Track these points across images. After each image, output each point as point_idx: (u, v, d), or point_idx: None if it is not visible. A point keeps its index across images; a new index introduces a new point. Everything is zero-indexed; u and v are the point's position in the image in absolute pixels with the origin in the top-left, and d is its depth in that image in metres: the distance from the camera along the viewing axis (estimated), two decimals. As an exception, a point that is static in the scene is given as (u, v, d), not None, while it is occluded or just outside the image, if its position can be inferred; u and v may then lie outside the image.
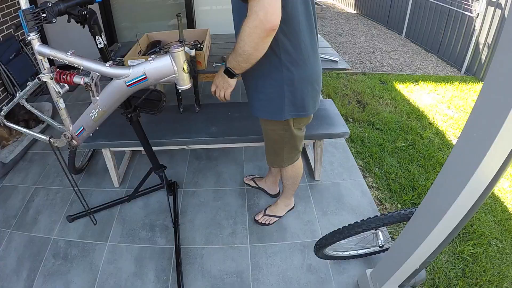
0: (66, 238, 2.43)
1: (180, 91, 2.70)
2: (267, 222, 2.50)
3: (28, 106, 1.86)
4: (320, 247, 2.01)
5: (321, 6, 10.56)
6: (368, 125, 3.96)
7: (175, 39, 2.65)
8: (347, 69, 2.88)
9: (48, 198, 2.78)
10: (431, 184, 1.65)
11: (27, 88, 1.64)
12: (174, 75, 1.36)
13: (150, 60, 1.35)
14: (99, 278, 2.18)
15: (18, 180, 3.00)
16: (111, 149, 2.63)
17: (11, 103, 1.80)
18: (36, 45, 1.42)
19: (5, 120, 1.91)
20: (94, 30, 1.69)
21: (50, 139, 1.87)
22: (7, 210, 2.68)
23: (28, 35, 1.38)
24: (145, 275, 2.19)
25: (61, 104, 1.63)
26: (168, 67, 1.34)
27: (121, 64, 2.75)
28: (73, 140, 1.79)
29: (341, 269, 2.23)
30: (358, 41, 7.91)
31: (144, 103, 2.79)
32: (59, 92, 1.52)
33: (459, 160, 1.13)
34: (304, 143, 3.25)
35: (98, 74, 1.45)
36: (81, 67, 1.43)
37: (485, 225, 2.65)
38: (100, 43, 1.72)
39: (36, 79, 1.51)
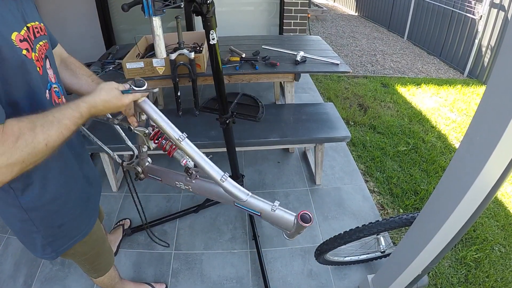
0: (64, 243, 2.41)
1: (179, 94, 2.69)
2: None
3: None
4: (321, 252, 2.00)
5: (322, 8, 10.56)
6: (369, 129, 3.94)
7: (174, 41, 2.63)
8: (348, 72, 2.85)
9: (46, 203, 2.74)
10: (434, 188, 1.62)
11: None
12: (288, 232, 1.26)
13: (274, 207, 1.24)
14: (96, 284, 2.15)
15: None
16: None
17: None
18: (142, 99, 1.17)
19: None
20: (211, 23, 1.61)
21: (123, 163, 1.66)
22: (4, 215, 2.65)
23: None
24: (143, 280, 2.16)
25: (145, 149, 1.49)
26: (288, 224, 1.22)
27: (119, 67, 2.73)
28: (142, 175, 1.63)
29: (342, 274, 2.21)
30: (360, 43, 7.90)
31: (240, 108, 2.80)
32: (149, 148, 1.35)
33: (462, 164, 1.11)
34: (305, 147, 3.24)
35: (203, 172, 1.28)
36: (189, 160, 1.31)
37: (488, 230, 2.62)
38: (213, 39, 1.64)
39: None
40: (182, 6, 1.40)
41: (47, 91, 1.06)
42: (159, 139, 1.29)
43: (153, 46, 2.43)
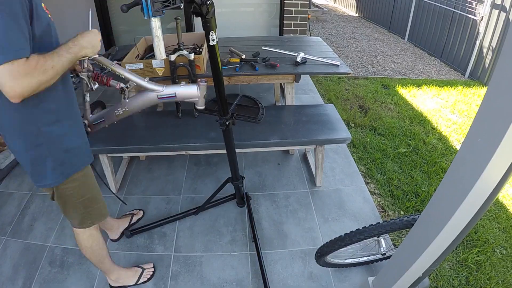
0: (63, 246, 2.39)
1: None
2: None
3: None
4: (321, 254, 1.99)
5: (322, 9, 10.55)
6: (370, 130, 3.93)
7: (174, 42, 2.63)
8: (349, 73, 2.84)
9: (44, 205, 2.74)
10: (435, 190, 1.61)
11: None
12: (196, 99, 1.80)
13: (182, 85, 1.78)
14: (96, 286, 2.14)
15: (13, 187, 2.96)
16: (109, 154, 2.61)
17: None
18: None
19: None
20: (210, 24, 1.62)
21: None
22: (2, 217, 2.64)
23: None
24: (143, 283, 2.15)
25: (87, 98, 1.81)
26: (194, 93, 1.77)
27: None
28: (89, 128, 1.85)
29: (342, 277, 2.20)
30: (360, 44, 7.89)
31: (239, 109, 2.81)
32: (92, 89, 1.71)
33: (463, 166, 1.10)
34: (305, 149, 3.23)
35: (135, 84, 1.72)
36: (122, 76, 1.67)
37: (489, 232, 2.61)
38: (213, 40, 1.66)
39: (75, 75, 1.68)
40: (181, 7, 1.40)
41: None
42: (99, 77, 1.73)
43: (153, 47, 2.43)
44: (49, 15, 1.33)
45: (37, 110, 1.36)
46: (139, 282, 2.14)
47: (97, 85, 1.72)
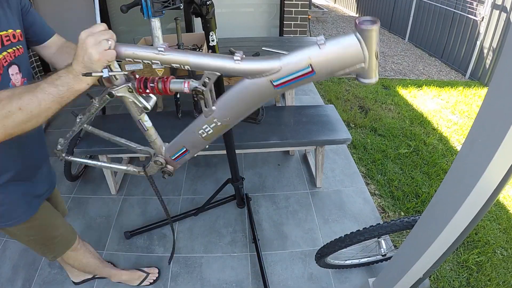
0: (63, 247, 2.39)
1: (178, 96, 2.67)
2: None
3: (96, 131, 1.61)
4: (321, 255, 1.98)
5: (323, 9, 10.54)
6: (370, 131, 3.92)
7: (174, 43, 2.63)
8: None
9: (45, 206, 2.73)
10: (435, 191, 1.61)
11: (92, 110, 1.30)
12: (362, 64, 0.84)
13: (320, 41, 0.83)
14: (95, 286, 2.13)
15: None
16: (108, 155, 2.60)
17: (71, 132, 1.49)
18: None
19: (70, 157, 1.67)
20: (210, 24, 1.60)
21: (146, 170, 1.51)
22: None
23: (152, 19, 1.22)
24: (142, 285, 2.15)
25: (147, 122, 1.22)
26: (355, 52, 0.81)
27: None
28: (168, 166, 1.41)
29: (343, 278, 2.19)
30: (361, 46, 7.87)
31: None
32: (146, 108, 1.08)
33: (464, 166, 1.09)
34: (305, 150, 3.22)
35: (217, 74, 0.96)
36: (186, 67, 0.95)
37: (490, 233, 2.60)
38: (213, 40, 1.64)
39: (107, 95, 1.03)
40: (181, 7, 1.40)
41: None
42: (147, 84, 1.02)
43: (152, 48, 2.42)
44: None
45: None
46: (141, 285, 2.14)
47: (153, 99, 1.10)
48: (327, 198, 2.80)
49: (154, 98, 1.10)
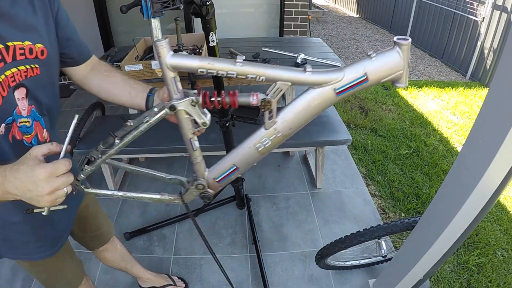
0: (62, 248, 2.39)
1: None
2: None
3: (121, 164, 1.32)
4: (321, 257, 1.98)
5: (323, 10, 10.53)
6: (370, 132, 3.91)
7: (173, 43, 2.62)
8: (349, 75, 2.83)
9: (44, 207, 2.73)
10: (436, 192, 1.60)
11: (142, 128, 1.03)
12: (400, 71, 0.96)
13: (372, 55, 0.95)
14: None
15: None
16: (108, 157, 2.59)
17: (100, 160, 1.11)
18: (168, 55, 0.97)
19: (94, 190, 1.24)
20: (210, 25, 1.60)
21: (183, 197, 1.29)
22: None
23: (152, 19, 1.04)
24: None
25: (196, 142, 1.11)
26: (397, 63, 0.95)
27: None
28: (209, 190, 1.24)
29: (343, 279, 2.19)
30: (361, 45, 7.88)
31: (239, 111, 2.79)
32: (205, 124, 1.01)
33: (464, 167, 1.09)
34: (305, 151, 3.22)
35: (289, 84, 0.99)
36: (262, 78, 0.94)
37: (490, 234, 2.60)
38: (212, 41, 1.64)
39: (168, 108, 0.97)
40: (181, 8, 1.39)
41: (3, 124, 0.90)
42: (213, 98, 0.97)
43: (152, 48, 2.42)
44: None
45: None
46: None
47: (209, 115, 1.03)
48: (327, 199, 2.79)
49: (209, 114, 1.03)
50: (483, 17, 5.73)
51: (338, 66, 2.83)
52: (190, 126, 1.04)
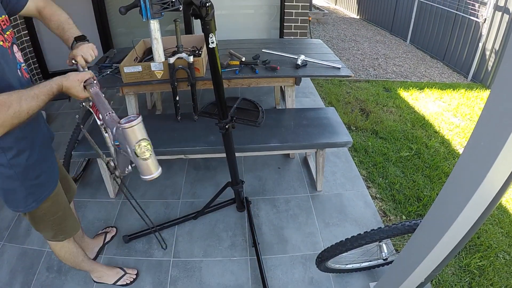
0: (61, 250, 2.37)
1: (177, 99, 2.66)
2: None
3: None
4: (322, 259, 1.96)
5: (323, 11, 10.54)
6: (371, 134, 3.90)
7: (173, 45, 2.62)
8: (350, 76, 2.83)
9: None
10: (437, 194, 1.59)
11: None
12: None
13: None
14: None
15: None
16: (107, 158, 2.58)
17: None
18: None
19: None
20: (210, 26, 1.60)
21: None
22: (-1, 222, 2.63)
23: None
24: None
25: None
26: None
27: (117, 71, 2.71)
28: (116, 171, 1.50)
29: (344, 282, 2.17)
30: (361, 47, 7.88)
31: (239, 112, 2.79)
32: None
33: (466, 170, 1.08)
34: (306, 153, 3.21)
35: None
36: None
37: (492, 237, 2.58)
38: (212, 42, 1.64)
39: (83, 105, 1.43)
40: (180, 9, 1.39)
41: (18, 70, 1.34)
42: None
43: (151, 50, 2.41)
44: (2, 38, 1.25)
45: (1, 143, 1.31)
46: (117, 283, 2.15)
47: None
48: (328, 201, 2.78)
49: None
50: (485, 18, 5.72)
51: (339, 68, 2.83)
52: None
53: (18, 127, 1.17)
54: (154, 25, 1.42)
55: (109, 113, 1.20)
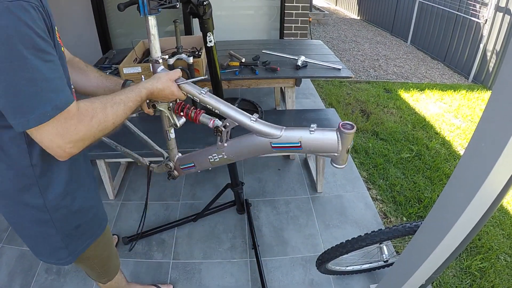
0: (60, 252, 2.37)
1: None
2: None
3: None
4: (322, 261, 1.95)
5: (324, 12, 10.53)
6: (372, 135, 3.89)
7: (173, 46, 2.61)
8: (351, 77, 2.82)
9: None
10: (438, 196, 1.58)
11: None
12: (335, 154, 1.17)
13: (312, 129, 1.17)
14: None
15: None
16: (106, 160, 2.58)
17: None
18: (159, 68, 1.28)
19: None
20: (208, 25, 1.60)
21: (151, 165, 1.74)
22: (-2, 223, 2.62)
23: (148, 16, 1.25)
24: None
25: (172, 134, 1.50)
26: (332, 145, 1.15)
27: (116, 72, 2.70)
28: (175, 171, 1.63)
29: (344, 284, 2.16)
30: (362, 48, 7.87)
31: None
32: (176, 125, 1.38)
33: (467, 171, 1.07)
34: (306, 154, 3.19)
35: (236, 124, 1.27)
36: (216, 110, 1.27)
37: (493, 239, 2.57)
38: (210, 41, 1.65)
39: (152, 106, 1.32)
40: (177, 6, 1.39)
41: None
42: (183, 109, 1.31)
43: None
44: (62, 47, 1.05)
45: (42, 180, 1.05)
46: None
47: (183, 120, 1.38)
48: (328, 203, 2.77)
49: (183, 119, 1.38)
50: (486, 19, 5.71)
51: (339, 69, 2.81)
52: (167, 122, 1.41)
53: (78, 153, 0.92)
54: (152, 21, 1.43)
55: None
